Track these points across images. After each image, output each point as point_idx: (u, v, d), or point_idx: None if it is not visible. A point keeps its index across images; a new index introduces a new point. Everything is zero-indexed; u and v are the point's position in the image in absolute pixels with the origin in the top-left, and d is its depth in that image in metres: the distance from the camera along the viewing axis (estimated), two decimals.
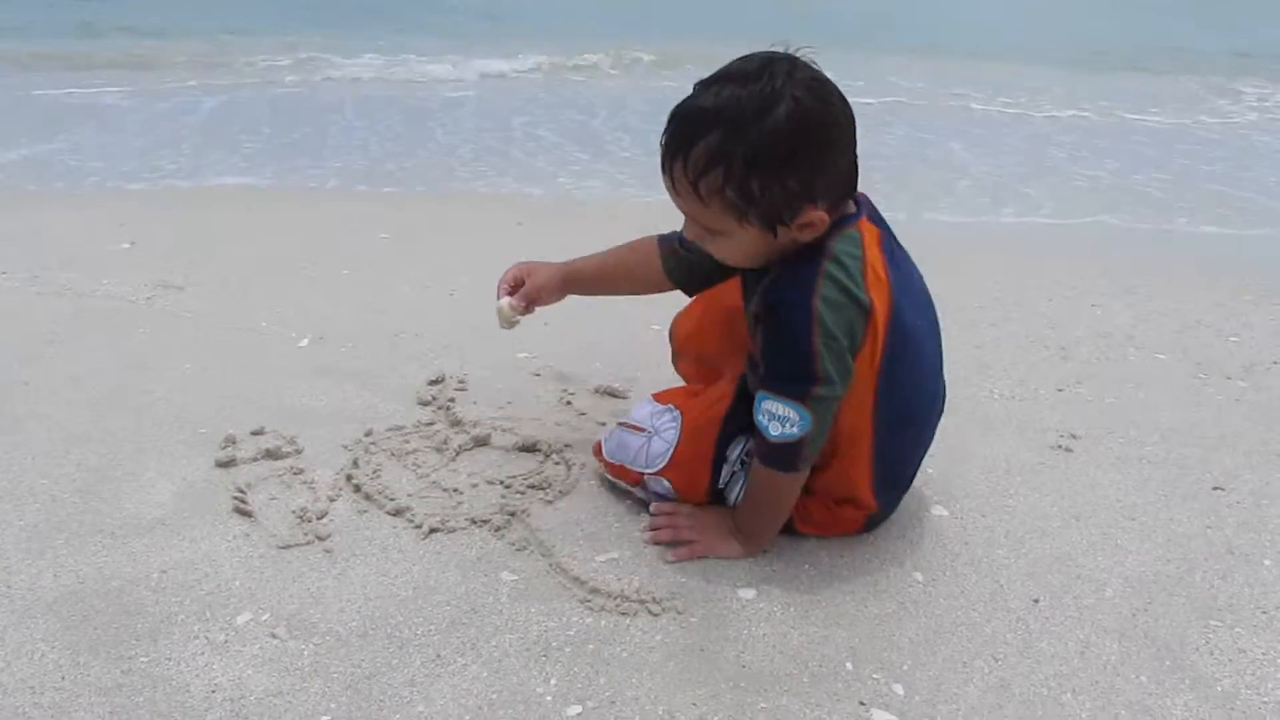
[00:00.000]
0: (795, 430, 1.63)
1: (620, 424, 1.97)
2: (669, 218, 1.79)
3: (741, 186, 1.54)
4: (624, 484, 1.95)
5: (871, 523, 1.89)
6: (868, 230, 1.67)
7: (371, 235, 3.72)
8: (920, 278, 1.81)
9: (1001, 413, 2.43)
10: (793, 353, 1.60)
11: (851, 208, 1.68)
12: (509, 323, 2.01)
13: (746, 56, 1.58)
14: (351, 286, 3.15)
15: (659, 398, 1.96)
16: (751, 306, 1.69)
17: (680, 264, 1.96)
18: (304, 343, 2.65)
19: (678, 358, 2.17)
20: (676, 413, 1.89)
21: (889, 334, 1.64)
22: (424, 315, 2.87)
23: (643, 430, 1.90)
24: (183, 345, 2.61)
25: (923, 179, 5.35)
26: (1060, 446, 2.28)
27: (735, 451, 1.84)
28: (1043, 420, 2.40)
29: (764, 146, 1.51)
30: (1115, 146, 6.43)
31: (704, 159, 1.54)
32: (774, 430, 1.65)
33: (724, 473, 1.85)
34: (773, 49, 1.58)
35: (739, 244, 1.64)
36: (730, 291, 1.88)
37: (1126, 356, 2.84)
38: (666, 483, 1.87)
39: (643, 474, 1.89)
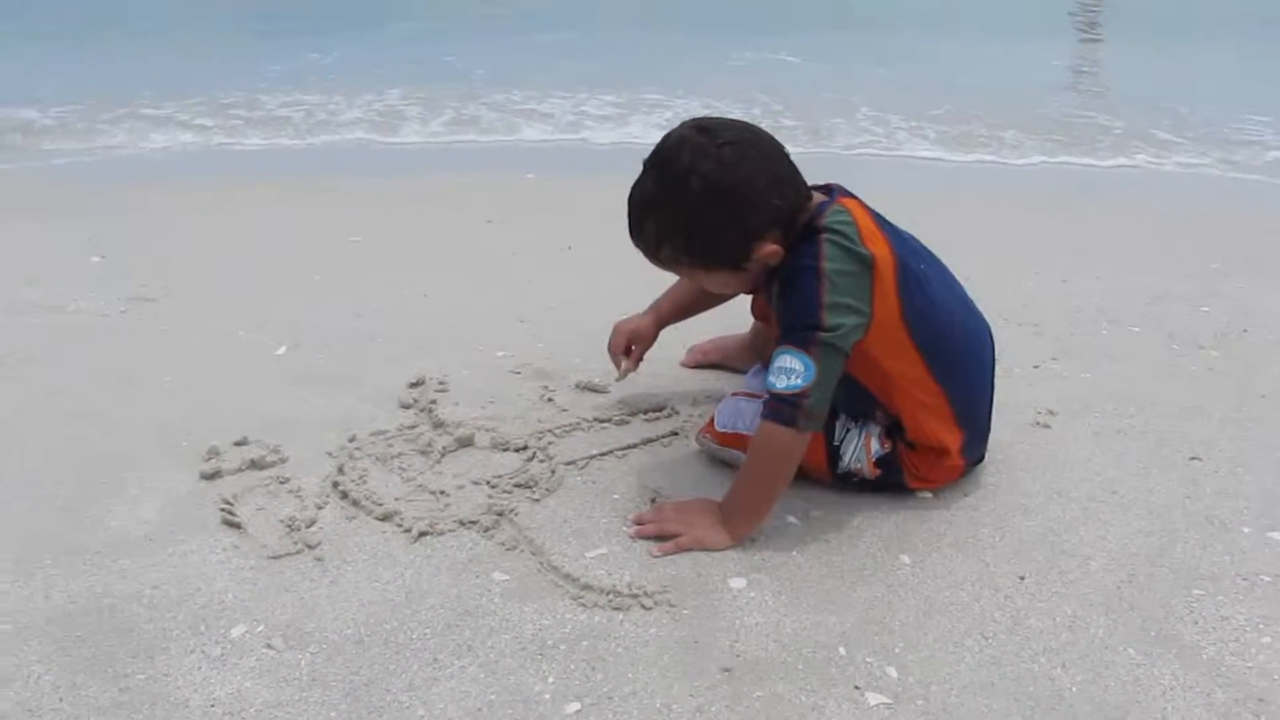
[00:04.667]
0: (799, 381, 1.74)
1: (734, 394, 2.11)
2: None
3: (691, 251, 1.84)
4: (737, 452, 1.98)
5: (969, 466, 2.05)
6: (850, 203, 1.89)
7: (341, 239, 3.70)
8: (914, 237, 1.99)
9: None
10: (801, 305, 1.77)
11: (822, 197, 1.89)
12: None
13: (666, 136, 1.86)
14: (325, 291, 3.13)
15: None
16: (774, 293, 1.88)
17: None
18: (281, 350, 2.64)
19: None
20: None
21: (899, 278, 1.83)
22: (400, 318, 2.87)
23: (758, 396, 1.95)
24: (160, 358, 2.60)
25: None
26: (1039, 423, 2.31)
27: (848, 418, 1.97)
28: (1020, 398, 2.42)
29: (690, 220, 1.80)
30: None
31: (654, 240, 1.86)
32: (780, 383, 1.76)
33: (837, 431, 1.96)
34: (686, 122, 1.87)
35: (720, 281, 1.94)
36: None
37: (1100, 330, 2.86)
38: None
39: None
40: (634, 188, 1.87)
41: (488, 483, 2.00)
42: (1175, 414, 2.36)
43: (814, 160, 2.25)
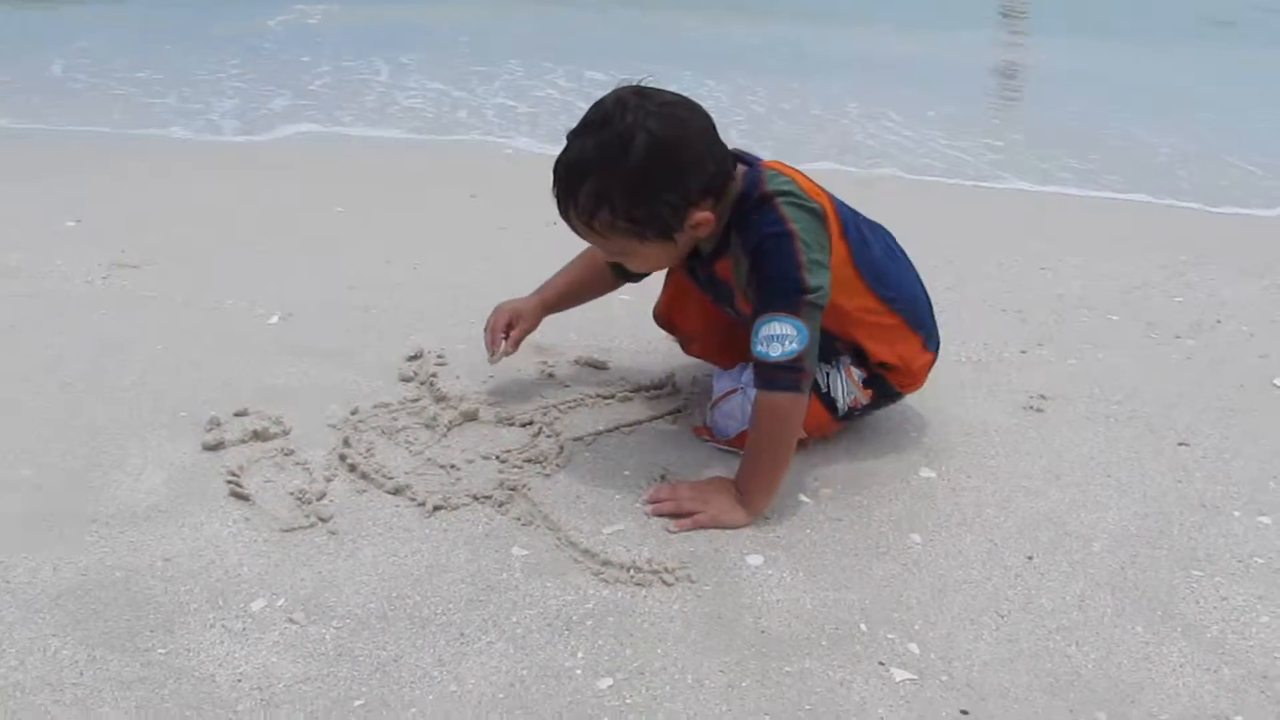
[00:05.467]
0: (794, 346, 1.77)
1: (713, 404, 2.08)
2: None
3: (629, 216, 1.79)
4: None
5: (936, 352, 2.15)
6: (777, 164, 1.93)
7: (326, 209, 3.64)
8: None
9: (971, 375, 2.49)
10: (783, 270, 1.78)
11: (743, 169, 1.90)
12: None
13: (599, 102, 1.82)
14: (312, 261, 3.08)
15: (720, 363, 2.18)
16: (741, 265, 1.88)
17: (624, 268, 2.12)
18: (273, 320, 2.59)
19: (689, 342, 2.30)
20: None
21: (841, 223, 1.91)
22: (392, 290, 2.83)
23: (737, 389, 2.00)
24: (149, 326, 2.54)
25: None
26: (1032, 408, 2.35)
27: (831, 378, 2.03)
28: (1011, 382, 2.46)
29: (634, 178, 1.76)
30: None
31: (589, 204, 1.79)
32: (774, 351, 1.77)
33: (820, 381, 2.00)
34: (620, 86, 1.84)
35: (649, 255, 1.91)
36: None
37: (1080, 318, 2.92)
38: None
39: None
40: (565, 153, 1.83)
41: (497, 457, 1.98)
42: (1160, 401, 2.42)
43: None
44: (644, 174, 1.76)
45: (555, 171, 1.83)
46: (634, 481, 1.95)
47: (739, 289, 1.92)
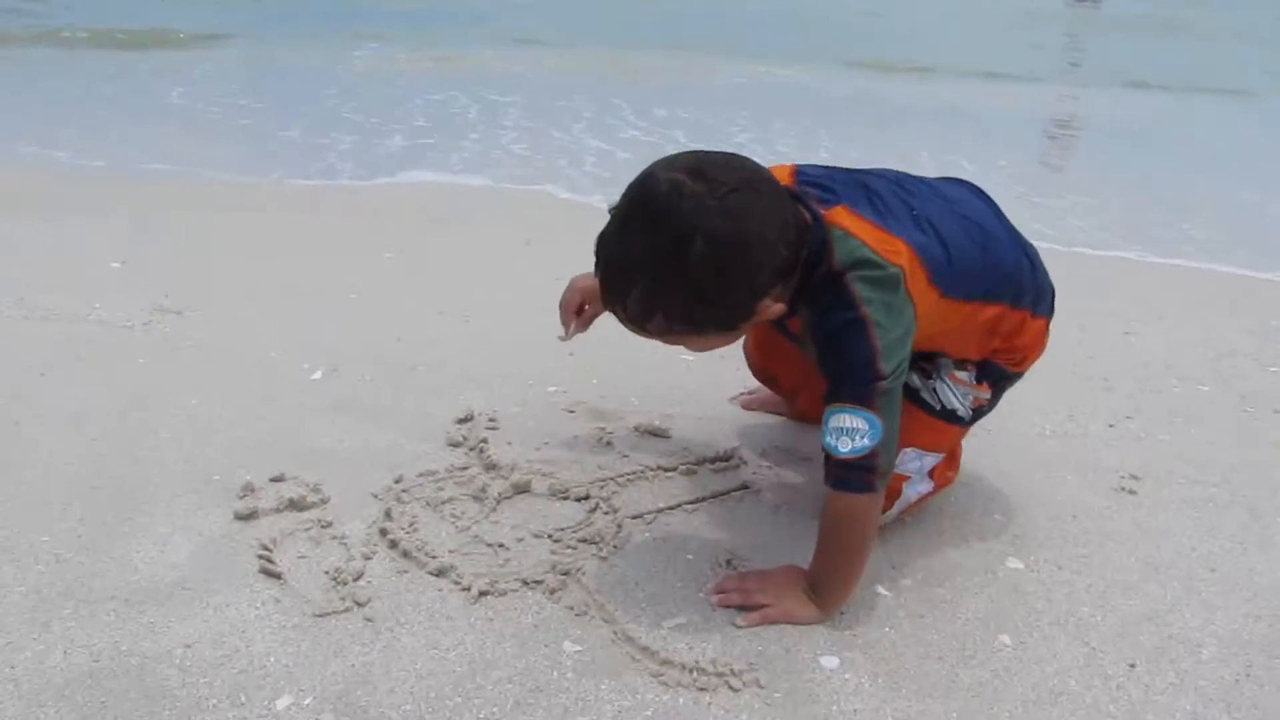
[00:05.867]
0: (866, 441, 1.57)
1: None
2: None
3: (686, 319, 1.57)
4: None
5: (1050, 317, 1.94)
6: (841, 216, 1.63)
7: (376, 254, 3.55)
8: (882, 172, 1.81)
9: (1057, 452, 2.31)
10: (856, 361, 1.57)
11: (806, 216, 1.62)
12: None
13: (649, 182, 1.53)
14: (360, 310, 2.97)
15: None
16: (810, 345, 1.66)
17: None
18: (317, 375, 2.47)
19: (793, 396, 2.26)
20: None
21: (923, 262, 1.64)
22: (441, 344, 2.71)
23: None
24: (186, 378, 2.43)
25: None
26: (1124, 489, 2.16)
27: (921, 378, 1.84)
28: (1100, 459, 2.28)
29: (693, 286, 1.51)
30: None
31: (641, 309, 1.56)
32: (844, 447, 1.57)
33: (927, 397, 1.83)
34: (674, 161, 1.55)
35: (710, 343, 1.67)
36: None
37: (1170, 388, 2.73)
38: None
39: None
40: (610, 243, 1.56)
41: (549, 536, 1.84)
42: (1263, 484, 2.23)
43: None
44: (703, 283, 1.51)
45: (598, 260, 1.59)
46: (697, 567, 1.80)
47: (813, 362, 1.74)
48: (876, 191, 1.71)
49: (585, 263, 1.70)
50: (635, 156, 5.24)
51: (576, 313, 2.03)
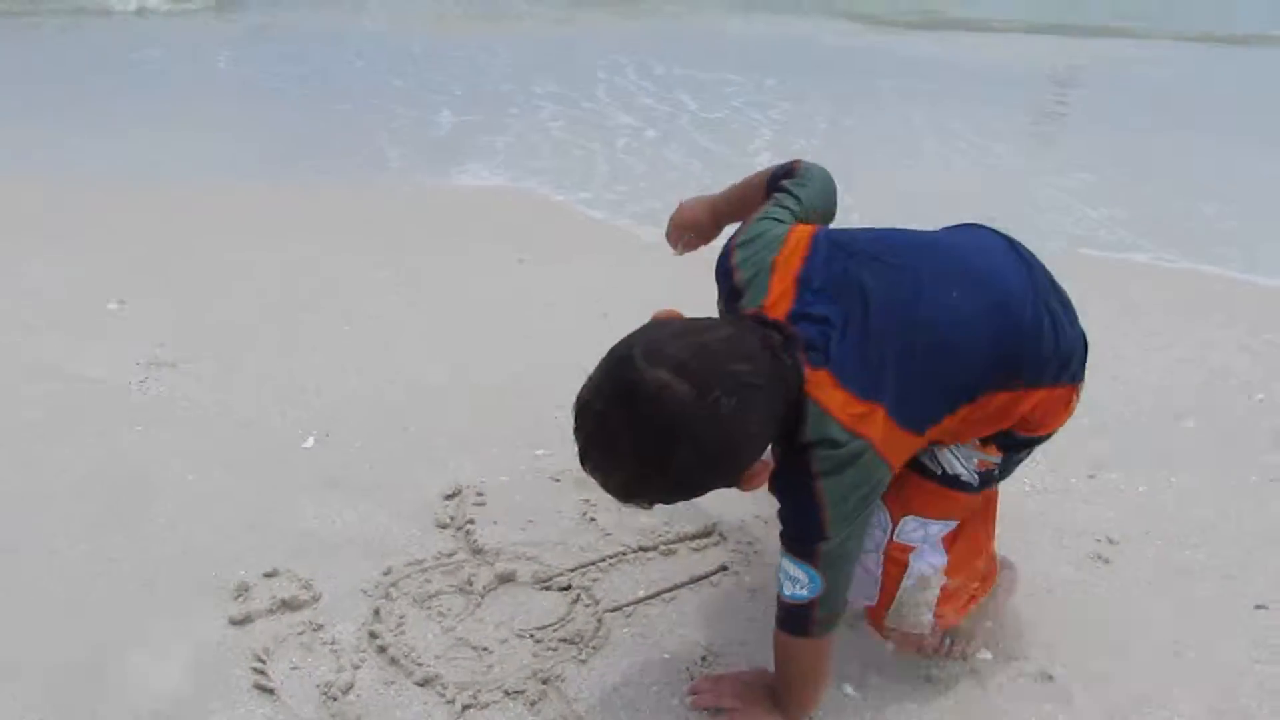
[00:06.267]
0: (805, 592, 1.58)
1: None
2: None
3: (667, 502, 1.57)
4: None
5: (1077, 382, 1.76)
6: (821, 386, 1.50)
7: (367, 274, 3.58)
8: (938, 252, 1.68)
9: (1036, 511, 2.35)
10: (800, 521, 1.56)
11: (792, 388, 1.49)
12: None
13: (628, 369, 1.39)
14: (352, 349, 3.03)
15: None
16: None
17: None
18: (309, 442, 2.53)
19: None
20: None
21: (897, 414, 1.53)
22: (433, 400, 2.75)
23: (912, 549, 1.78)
24: (181, 447, 2.49)
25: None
26: (1099, 556, 2.20)
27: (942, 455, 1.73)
28: (1078, 521, 2.32)
29: (677, 484, 1.48)
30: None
31: (622, 493, 1.50)
32: (786, 590, 1.60)
33: (929, 464, 1.72)
34: (655, 358, 1.39)
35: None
36: None
37: (1152, 423, 2.75)
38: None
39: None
40: (590, 422, 1.43)
41: (531, 636, 1.91)
42: (1240, 543, 2.25)
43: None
44: (687, 482, 1.48)
45: (577, 429, 1.46)
46: (674, 666, 1.86)
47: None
48: (871, 314, 1.55)
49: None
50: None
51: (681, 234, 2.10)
